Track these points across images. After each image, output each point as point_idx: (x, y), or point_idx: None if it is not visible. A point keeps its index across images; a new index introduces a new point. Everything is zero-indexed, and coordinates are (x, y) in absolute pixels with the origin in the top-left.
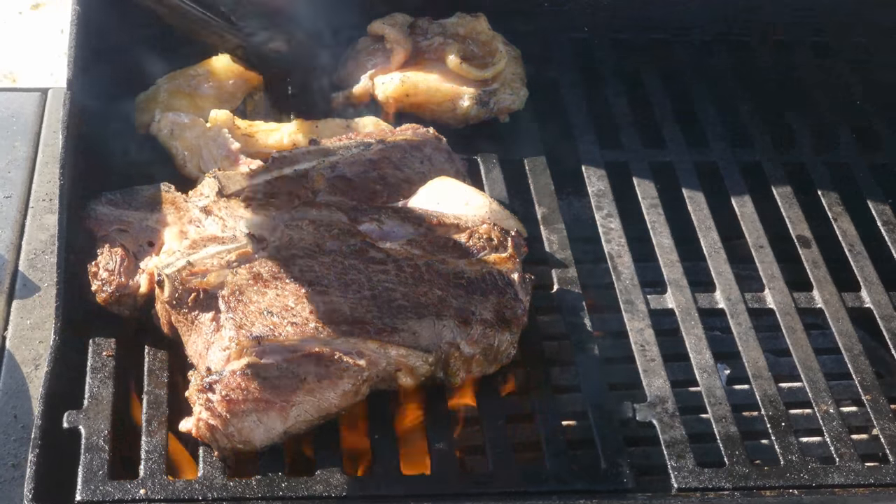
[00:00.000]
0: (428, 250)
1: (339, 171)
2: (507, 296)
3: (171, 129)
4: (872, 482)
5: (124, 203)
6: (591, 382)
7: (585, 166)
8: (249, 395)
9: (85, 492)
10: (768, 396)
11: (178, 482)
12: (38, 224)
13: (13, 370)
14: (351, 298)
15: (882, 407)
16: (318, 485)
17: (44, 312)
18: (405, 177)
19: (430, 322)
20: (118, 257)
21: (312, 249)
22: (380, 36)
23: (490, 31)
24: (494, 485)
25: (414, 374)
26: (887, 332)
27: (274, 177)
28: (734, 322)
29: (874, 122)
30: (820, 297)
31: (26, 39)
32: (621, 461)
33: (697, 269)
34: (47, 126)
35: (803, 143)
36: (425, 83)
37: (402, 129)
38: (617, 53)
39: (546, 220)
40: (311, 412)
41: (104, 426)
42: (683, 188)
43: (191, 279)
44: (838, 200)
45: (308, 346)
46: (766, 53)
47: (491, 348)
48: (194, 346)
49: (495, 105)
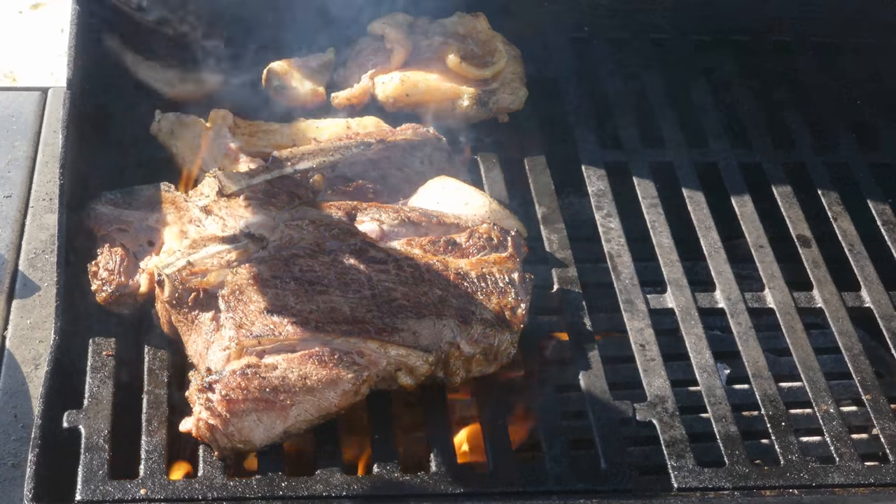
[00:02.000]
0: (428, 250)
1: (339, 171)
2: (508, 295)
3: (172, 128)
4: (872, 482)
5: (124, 203)
6: (591, 382)
7: (585, 166)
8: (249, 394)
9: (85, 491)
10: (768, 396)
11: (178, 482)
12: (38, 224)
13: (13, 370)
14: (351, 298)
15: (882, 406)
16: (318, 485)
17: (44, 312)
18: (405, 177)
19: (430, 322)
20: (118, 257)
21: (312, 249)
22: (380, 35)
23: (490, 30)
24: (494, 485)
25: (414, 374)
26: (887, 331)
27: (274, 177)
28: (734, 322)
29: (874, 122)
30: (820, 297)
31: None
32: (621, 461)
33: (697, 268)
34: (47, 126)
35: (803, 143)
36: (425, 83)
37: (402, 129)
38: (617, 53)
39: (546, 219)
40: (311, 412)
41: (104, 426)
42: (683, 188)
43: (191, 279)
44: (838, 200)
45: (308, 345)
46: (767, 53)
47: (491, 348)
48: (194, 345)
49: (494, 105)
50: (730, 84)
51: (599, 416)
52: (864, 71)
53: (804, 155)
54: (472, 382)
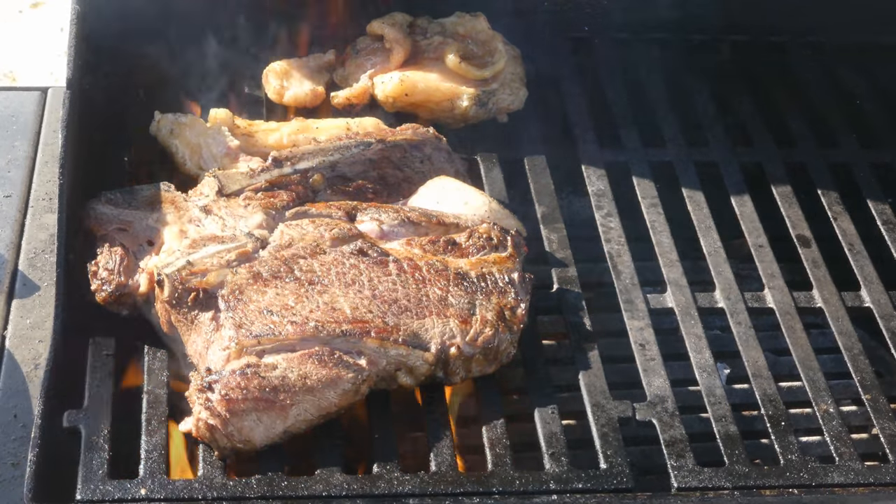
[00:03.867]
0: (428, 250)
1: (339, 171)
2: (508, 295)
3: (171, 127)
4: (872, 481)
5: (124, 202)
6: (591, 382)
7: (585, 166)
8: (249, 394)
9: (85, 491)
10: (768, 396)
11: (178, 482)
12: (37, 223)
13: (13, 370)
14: (351, 298)
15: (882, 406)
16: (318, 485)
17: (44, 312)
18: (405, 177)
19: (430, 322)
20: (118, 256)
21: (312, 249)
22: (379, 35)
23: (490, 30)
24: (494, 485)
25: (414, 374)
26: (887, 331)
27: (274, 176)
28: (734, 321)
29: (874, 121)
30: (820, 297)
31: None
32: (621, 461)
33: (697, 268)
34: (47, 125)
35: (803, 143)
36: (424, 82)
37: (402, 129)
38: (617, 53)
39: (546, 219)
40: (310, 411)
41: (104, 426)
42: (683, 188)
43: (190, 279)
44: (838, 200)
45: (308, 345)
46: (767, 53)
47: (491, 348)
48: (194, 345)
49: (494, 105)
50: (730, 84)
51: (599, 416)
52: (865, 70)
53: (804, 155)
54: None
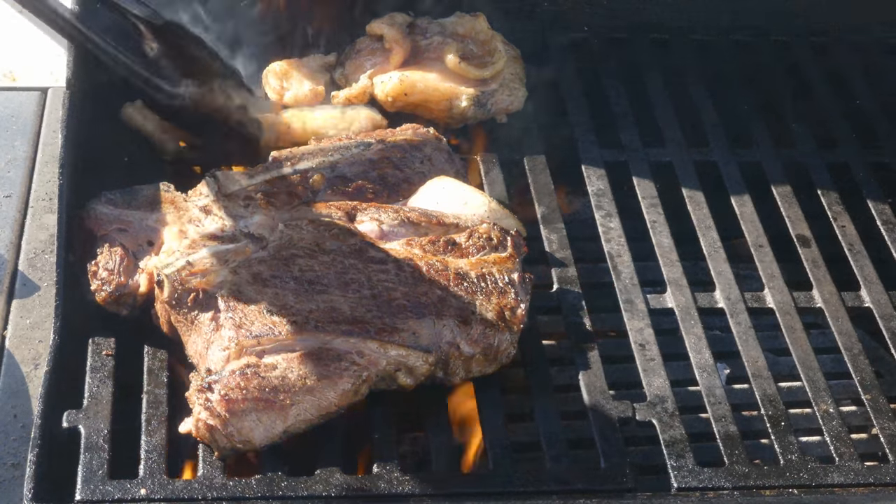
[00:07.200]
0: (428, 250)
1: (339, 171)
2: (507, 295)
3: (140, 112)
4: (872, 481)
5: (124, 202)
6: (591, 382)
7: (585, 166)
8: (249, 394)
9: (85, 491)
10: (768, 396)
11: (177, 482)
12: (37, 224)
13: (13, 370)
14: (351, 298)
15: (882, 406)
16: (318, 485)
17: (44, 312)
18: (405, 177)
19: (430, 322)
20: (118, 257)
21: (312, 249)
22: (379, 36)
23: (489, 30)
24: (494, 485)
25: (414, 374)
26: (887, 331)
27: (274, 176)
28: (734, 321)
29: (874, 121)
30: (819, 297)
31: (26, 38)
32: (621, 461)
33: (697, 268)
34: (47, 126)
35: (803, 143)
36: (423, 82)
37: (402, 129)
38: (617, 53)
39: (546, 219)
40: (310, 411)
41: (104, 426)
42: (683, 188)
43: (190, 279)
44: (838, 200)
45: (308, 345)
46: (767, 53)
47: (491, 348)
48: (194, 345)
49: (493, 106)
50: (730, 84)
51: (599, 416)
52: (865, 70)
53: (804, 155)
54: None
